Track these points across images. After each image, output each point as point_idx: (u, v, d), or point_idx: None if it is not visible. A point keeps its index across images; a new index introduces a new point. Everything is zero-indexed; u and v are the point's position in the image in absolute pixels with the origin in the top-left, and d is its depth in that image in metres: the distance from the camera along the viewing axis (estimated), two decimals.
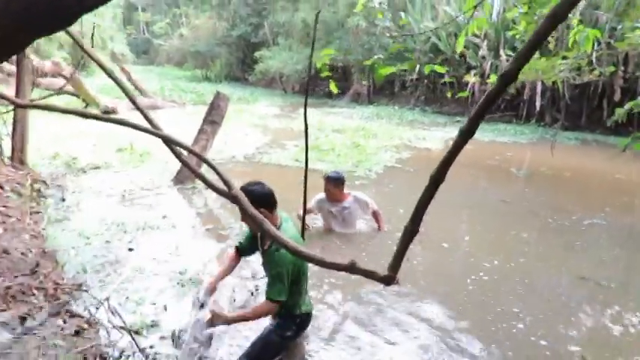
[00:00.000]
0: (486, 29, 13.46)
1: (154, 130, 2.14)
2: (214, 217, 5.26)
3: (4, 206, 4.31)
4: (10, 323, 2.59)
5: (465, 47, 13.09)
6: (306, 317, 2.82)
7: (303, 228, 3.08)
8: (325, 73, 3.09)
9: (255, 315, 2.65)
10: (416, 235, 1.56)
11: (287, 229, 2.66)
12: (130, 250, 4.17)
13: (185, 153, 2.17)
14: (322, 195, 4.76)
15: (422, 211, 1.47)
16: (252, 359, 2.65)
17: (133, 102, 2.18)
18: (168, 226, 4.77)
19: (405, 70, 16.07)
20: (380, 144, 9.73)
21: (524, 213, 5.93)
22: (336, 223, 4.75)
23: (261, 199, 2.60)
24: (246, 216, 2.59)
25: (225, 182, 2.17)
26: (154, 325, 3.03)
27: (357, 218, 4.83)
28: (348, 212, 4.72)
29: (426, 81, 16.64)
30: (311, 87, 19.23)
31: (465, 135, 1.31)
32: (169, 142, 2.26)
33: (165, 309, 3.23)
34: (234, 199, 2.15)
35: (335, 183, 4.64)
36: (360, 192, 5.06)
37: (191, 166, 2.33)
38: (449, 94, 13.74)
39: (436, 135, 11.63)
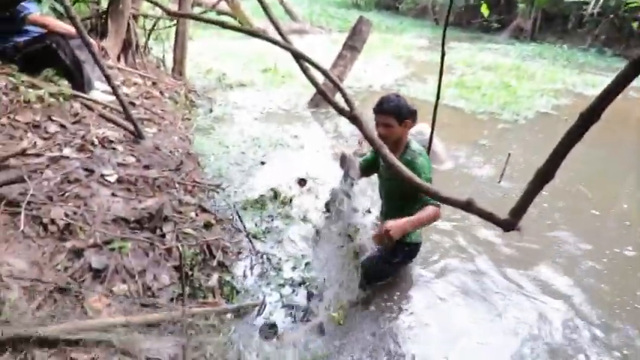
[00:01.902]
0: None
1: (287, 45, 2.16)
2: (342, 142, 5.29)
3: (161, 109, 4.85)
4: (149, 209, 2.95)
5: None
6: (415, 247, 2.80)
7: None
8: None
9: (429, 219, 2.49)
10: (549, 181, 1.32)
11: (417, 147, 2.63)
12: (262, 163, 4.43)
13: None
14: None
15: (561, 154, 1.22)
16: (362, 281, 2.72)
17: (274, 23, 2.25)
18: (297, 146, 4.94)
19: (586, 3, 13.72)
20: (536, 87, 8.63)
21: None
22: None
23: (408, 110, 2.59)
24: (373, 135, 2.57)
25: (347, 101, 2.10)
26: (269, 231, 3.24)
27: None
28: None
29: (611, 16, 13.98)
30: (465, 19, 17.59)
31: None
32: (300, 58, 2.25)
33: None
34: (353, 119, 2.08)
35: None
36: None
37: (315, 82, 2.29)
38: None
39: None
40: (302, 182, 2.93)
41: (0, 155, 2.81)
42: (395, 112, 2.59)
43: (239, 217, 3.29)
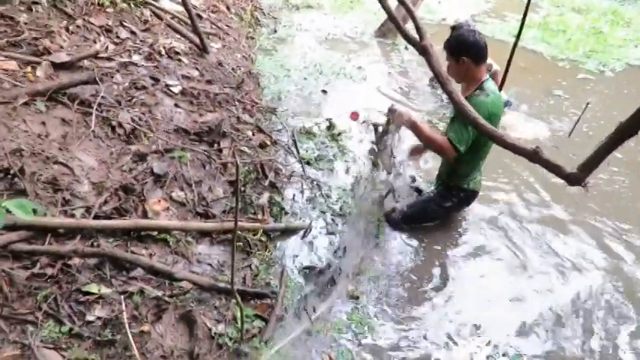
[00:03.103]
0: None
1: None
2: (406, 77, 5.09)
3: (227, 25, 4.81)
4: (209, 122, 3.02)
5: None
6: (471, 194, 2.72)
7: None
8: None
9: (430, 139, 2.42)
10: (631, 136, 1.22)
11: (489, 86, 2.42)
12: (323, 92, 4.36)
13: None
14: None
15: None
16: (408, 218, 2.73)
17: None
18: (360, 77, 4.80)
19: None
20: (631, 36, 7.74)
21: None
22: None
23: (466, 46, 2.38)
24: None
25: (419, 30, 1.98)
26: (320, 159, 3.25)
27: None
28: None
29: None
30: None
31: None
32: None
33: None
34: (423, 50, 1.97)
35: None
36: None
37: (388, 6, 2.15)
38: None
39: None
40: (355, 115, 2.85)
41: (75, 56, 2.92)
42: (448, 48, 2.42)
43: (294, 141, 3.31)
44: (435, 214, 2.76)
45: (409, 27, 2.08)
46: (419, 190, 3.02)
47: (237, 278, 2.12)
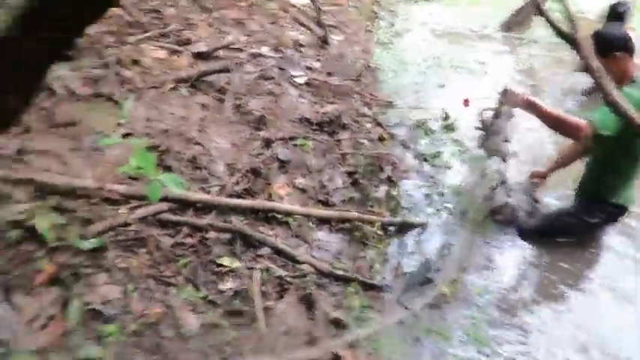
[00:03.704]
0: None
1: None
2: (532, 75, 4.74)
3: (346, 18, 4.87)
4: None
5: None
6: (619, 211, 2.39)
7: None
8: None
9: (559, 118, 2.19)
10: None
11: None
12: (442, 86, 4.23)
13: None
14: None
15: None
16: (545, 231, 2.52)
17: None
18: (481, 72, 4.57)
19: None
20: None
21: None
22: None
23: (611, 40, 2.16)
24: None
25: (572, 21, 1.82)
26: (437, 155, 3.16)
27: None
28: None
29: None
30: None
31: None
32: None
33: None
34: (575, 44, 1.81)
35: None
36: None
37: None
38: None
39: None
40: (466, 102, 2.71)
41: (211, 46, 3.16)
42: (596, 43, 2.17)
43: (411, 136, 3.26)
44: (576, 230, 2.46)
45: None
46: (535, 200, 2.77)
47: (353, 268, 2.14)
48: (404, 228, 2.50)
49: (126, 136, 2.24)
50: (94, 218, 1.81)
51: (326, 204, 2.43)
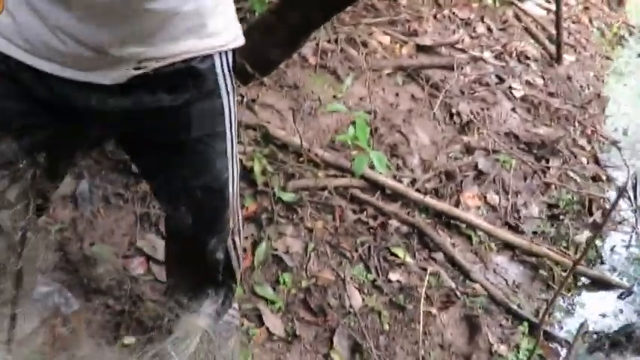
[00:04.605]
0: None
1: None
2: None
3: (585, 38, 4.33)
4: None
5: None
6: None
7: None
8: None
9: None
10: None
11: None
12: None
13: None
14: None
15: None
16: None
17: None
18: None
19: None
20: None
21: None
22: None
23: None
24: None
25: None
26: None
27: None
28: None
29: None
30: None
31: None
32: None
33: None
34: None
35: None
36: None
37: None
38: None
39: None
40: None
41: (436, 41, 3.13)
42: None
43: (635, 185, 2.78)
44: None
45: None
46: None
47: (531, 308, 1.93)
48: (598, 285, 2.17)
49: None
50: (297, 175, 1.97)
51: (515, 229, 2.23)
